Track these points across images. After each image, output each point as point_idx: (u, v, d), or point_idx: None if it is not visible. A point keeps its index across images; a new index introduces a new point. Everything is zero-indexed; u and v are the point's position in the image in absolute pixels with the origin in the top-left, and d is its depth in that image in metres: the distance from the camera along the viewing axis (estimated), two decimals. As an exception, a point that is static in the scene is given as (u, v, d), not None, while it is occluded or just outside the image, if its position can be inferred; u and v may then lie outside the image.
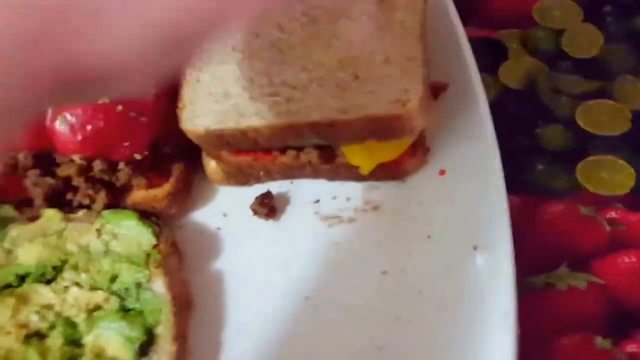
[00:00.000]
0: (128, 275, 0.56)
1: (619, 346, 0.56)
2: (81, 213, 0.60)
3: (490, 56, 0.71)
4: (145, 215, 0.60)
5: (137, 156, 0.59)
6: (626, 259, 0.59)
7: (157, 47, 0.37)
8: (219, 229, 0.62)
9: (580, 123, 0.66)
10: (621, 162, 0.64)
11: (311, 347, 0.55)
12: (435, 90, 0.63)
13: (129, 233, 0.58)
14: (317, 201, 0.62)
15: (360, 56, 0.58)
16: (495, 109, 0.62)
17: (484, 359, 0.51)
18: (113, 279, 0.57)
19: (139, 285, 0.56)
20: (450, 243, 0.57)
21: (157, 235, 0.58)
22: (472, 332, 0.53)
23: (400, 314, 0.55)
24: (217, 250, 0.61)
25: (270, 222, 0.61)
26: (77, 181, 0.59)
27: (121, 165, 0.60)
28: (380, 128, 0.56)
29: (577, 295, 0.58)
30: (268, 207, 0.61)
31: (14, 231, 0.59)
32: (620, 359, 0.55)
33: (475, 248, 0.56)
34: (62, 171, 0.60)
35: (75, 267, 0.57)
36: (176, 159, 0.62)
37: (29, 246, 0.58)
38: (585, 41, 0.71)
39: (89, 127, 0.57)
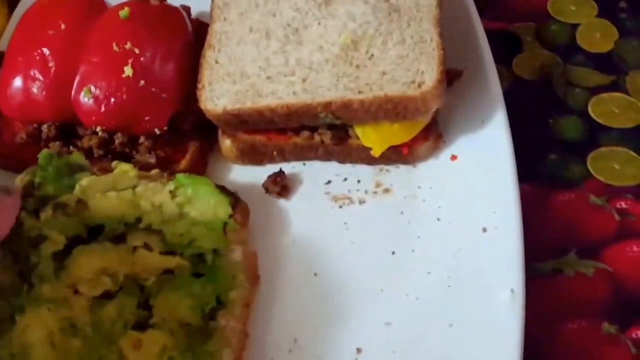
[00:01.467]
0: (206, 241, 0.56)
1: (625, 332, 0.56)
2: (154, 172, 0.59)
3: (504, 48, 0.72)
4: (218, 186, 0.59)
5: (157, 131, 0.60)
6: (635, 248, 0.59)
7: None
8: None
9: (593, 115, 0.67)
10: (632, 153, 0.64)
11: (318, 321, 0.55)
12: (450, 77, 0.64)
13: (205, 200, 0.57)
14: (329, 182, 0.62)
15: (375, 36, 0.59)
16: (509, 99, 0.63)
17: (492, 336, 0.51)
18: (189, 242, 0.56)
19: (216, 251, 0.56)
20: (459, 225, 0.58)
21: (232, 206, 0.57)
22: (480, 310, 0.53)
23: (409, 292, 0.55)
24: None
25: (282, 200, 0.62)
26: (98, 153, 0.60)
27: (141, 140, 0.61)
28: (394, 109, 0.57)
29: (585, 281, 0.58)
30: (280, 185, 0.62)
31: (84, 180, 0.57)
32: (626, 343, 0.55)
33: (484, 230, 0.56)
34: (84, 143, 0.61)
35: (148, 226, 0.56)
36: (193, 136, 0.63)
37: (101, 198, 0.56)
38: (600, 36, 0.72)
39: (112, 100, 0.58)
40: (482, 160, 0.60)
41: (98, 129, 0.59)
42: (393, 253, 0.58)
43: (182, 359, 0.52)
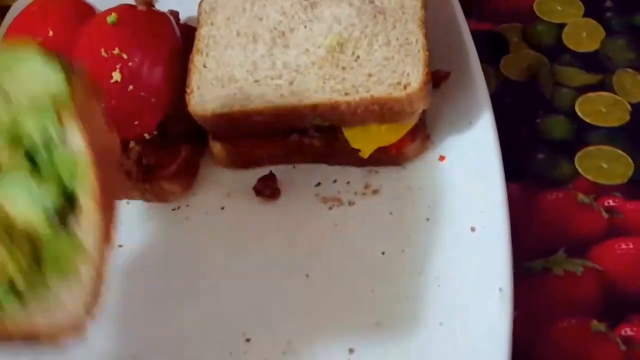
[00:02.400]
0: (33, 125, 0.44)
1: (614, 329, 0.56)
2: None
3: (492, 49, 0.72)
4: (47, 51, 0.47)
5: (147, 135, 0.60)
6: (623, 246, 0.59)
7: None
8: (223, 208, 0.62)
9: (580, 114, 0.67)
10: (620, 152, 0.64)
11: (311, 322, 0.55)
12: (437, 79, 0.64)
13: (29, 72, 0.45)
14: (318, 184, 0.62)
15: (361, 38, 0.59)
16: (497, 100, 0.63)
17: (481, 334, 0.51)
18: (14, 129, 0.44)
19: (49, 137, 0.44)
20: (448, 225, 0.58)
21: (68, 76, 0.45)
22: (469, 309, 0.53)
23: (399, 292, 0.55)
24: (221, 228, 0.61)
25: (273, 203, 0.62)
26: None
27: (131, 144, 0.61)
28: (380, 110, 0.57)
29: (574, 279, 0.58)
30: (270, 188, 0.62)
31: None
32: (615, 341, 0.55)
33: (472, 229, 0.57)
34: None
35: None
36: (184, 141, 0.63)
37: None
38: (586, 35, 0.72)
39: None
40: (470, 161, 0.60)
41: None
42: (383, 253, 0.58)
43: (26, 280, 0.42)
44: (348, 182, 0.62)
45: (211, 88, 0.60)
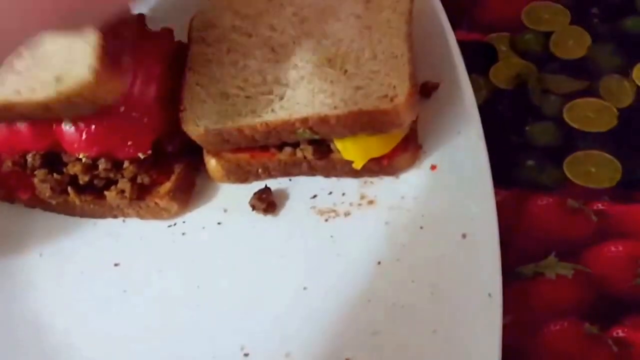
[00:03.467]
0: None
1: (606, 332, 0.56)
2: None
3: (481, 58, 0.72)
4: None
5: (141, 155, 0.61)
6: (612, 248, 0.60)
7: None
8: (220, 223, 0.63)
9: (568, 120, 0.67)
10: (608, 156, 0.64)
11: (309, 334, 0.56)
12: (427, 90, 0.65)
13: None
14: (314, 196, 0.63)
15: (349, 53, 0.60)
16: (487, 108, 0.64)
17: (472, 339, 0.52)
18: None
19: None
20: (441, 233, 0.58)
21: None
22: (460, 315, 0.54)
23: (395, 301, 0.56)
24: (219, 243, 0.62)
25: (269, 216, 0.63)
26: (83, 179, 0.61)
27: (126, 164, 0.61)
28: (370, 122, 0.58)
29: (565, 283, 0.59)
30: (266, 202, 0.62)
31: None
32: (607, 343, 0.56)
33: (464, 236, 0.57)
34: (69, 170, 0.61)
35: None
36: (178, 157, 0.64)
37: None
38: (573, 43, 0.72)
39: (93, 127, 0.59)
40: (460, 169, 0.61)
41: (81, 155, 0.60)
42: (379, 263, 0.58)
43: None
44: (343, 194, 0.63)
45: (204, 105, 0.60)
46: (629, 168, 0.64)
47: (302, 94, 0.59)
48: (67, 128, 0.60)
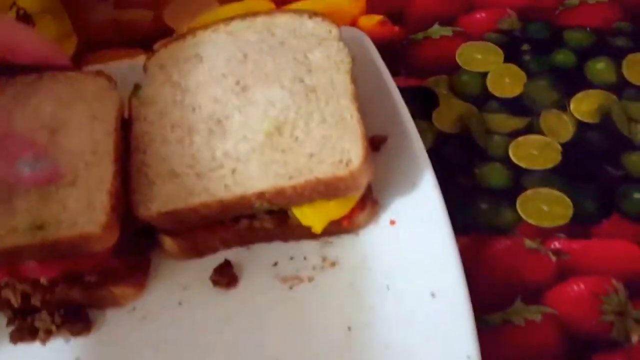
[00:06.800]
0: None
1: (579, 373, 0.54)
2: None
3: (422, 103, 0.70)
4: None
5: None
6: (575, 287, 0.58)
7: None
8: (180, 303, 0.58)
9: (514, 159, 0.65)
10: (558, 193, 0.63)
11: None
12: (376, 144, 0.62)
13: None
14: (276, 264, 0.59)
15: (297, 119, 0.56)
16: (434, 153, 0.61)
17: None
18: None
19: None
20: (408, 292, 0.55)
21: None
22: (440, 380, 0.50)
23: (369, 369, 0.53)
24: (180, 324, 0.57)
25: (232, 290, 0.58)
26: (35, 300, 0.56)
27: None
28: (327, 189, 0.54)
29: (534, 328, 0.56)
30: (228, 276, 0.58)
31: None
32: (582, 386, 0.54)
33: (433, 295, 0.54)
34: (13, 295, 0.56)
35: None
36: (131, 240, 0.58)
37: None
38: (509, 80, 0.71)
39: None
40: (418, 223, 0.58)
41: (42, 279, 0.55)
42: (349, 329, 0.55)
43: None
44: (305, 258, 0.59)
45: (153, 187, 0.55)
46: (580, 203, 0.62)
47: (254, 166, 0.55)
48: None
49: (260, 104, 0.57)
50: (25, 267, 0.54)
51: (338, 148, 0.54)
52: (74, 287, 0.56)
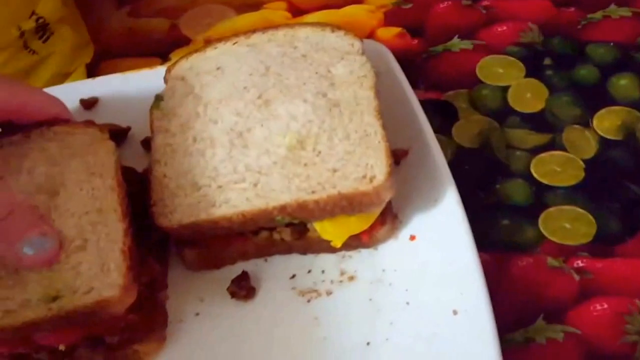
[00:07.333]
0: None
1: (602, 394, 0.53)
2: None
3: (441, 117, 0.69)
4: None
5: None
6: (598, 307, 0.57)
7: None
8: (197, 314, 0.57)
9: (536, 176, 0.65)
10: (580, 210, 0.62)
11: None
12: (397, 158, 0.61)
13: None
14: (293, 276, 0.58)
15: (320, 134, 0.56)
16: (454, 168, 0.60)
17: None
18: None
19: None
20: (429, 309, 0.54)
21: None
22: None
23: (389, 385, 0.52)
24: (198, 336, 0.56)
25: (249, 302, 0.57)
26: None
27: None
28: (349, 205, 0.54)
29: (557, 347, 0.56)
30: (245, 288, 0.57)
31: None
32: (606, 407, 0.53)
33: (455, 312, 0.53)
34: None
35: None
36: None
37: None
38: (531, 96, 0.70)
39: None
40: (440, 239, 0.57)
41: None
42: (368, 344, 0.54)
43: None
44: (323, 271, 0.58)
45: (175, 198, 0.55)
46: (603, 221, 0.61)
47: (276, 179, 0.54)
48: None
49: (283, 118, 0.57)
50: (41, 336, 0.52)
51: (362, 164, 0.54)
52: (96, 350, 0.53)
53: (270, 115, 0.57)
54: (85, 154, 0.57)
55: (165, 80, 0.62)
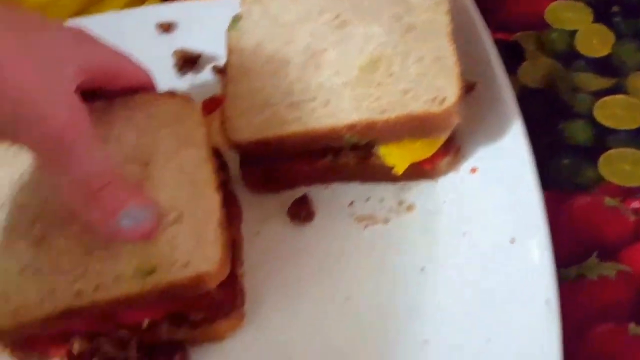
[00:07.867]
0: None
1: (653, 331, 0.54)
2: None
3: (508, 58, 0.68)
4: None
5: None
6: (652, 247, 0.58)
7: None
8: (258, 233, 0.59)
9: (598, 118, 0.65)
10: (641, 153, 0.62)
11: (353, 346, 0.53)
12: (464, 90, 0.62)
13: None
14: (352, 203, 0.60)
15: (393, 56, 0.57)
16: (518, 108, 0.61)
17: (531, 347, 0.49)
18: None
19: None
20: (486, 238, 0.55)
21: None
22: (516, 323, 0.51)
23: (443, 309, 0.53)
24: (257, 254, 0.58)
25: (308, 225, 0.59)
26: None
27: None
28: (419, 126, 0.55)
29: (608, 284, 0.56)
30: (305, 211, 0.59)
31: None
32: (655, 343, 0.54)
33: (512, 241, 0.54)
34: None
35: None
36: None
37: None
38: (597, 41, 0.70)
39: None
40: (503, 171, 0.58)
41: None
42: (422, 270, 0.55)
43: None
44: (381, 200, 0.60)
45: (246, 115, 0.57)
46: (663, 166, 0.61)
47: (347, 99, 0.55)
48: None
49: (357, 40, 0.58)
50: (126, 313, 0.50)
51: (434, 86, 0.55)
52: (180, 327, 0.52)
53: (345, 37, 0.58)
54: (172, 123, 0.55)
55: (243, 2, 0.63)
